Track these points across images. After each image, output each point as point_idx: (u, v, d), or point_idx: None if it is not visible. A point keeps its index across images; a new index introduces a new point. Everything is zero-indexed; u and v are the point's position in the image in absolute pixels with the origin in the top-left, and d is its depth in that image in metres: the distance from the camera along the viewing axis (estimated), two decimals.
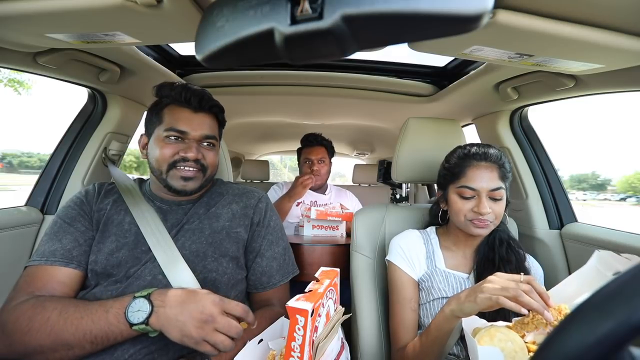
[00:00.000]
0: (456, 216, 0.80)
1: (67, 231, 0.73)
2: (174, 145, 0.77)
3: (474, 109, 1.37)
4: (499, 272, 0.78)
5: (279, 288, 0.85)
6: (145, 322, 0.58)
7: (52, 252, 0.70)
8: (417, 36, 0.25)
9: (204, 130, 0.79)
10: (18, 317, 0.60)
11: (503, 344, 0.52)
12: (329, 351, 0.57)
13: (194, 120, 0.79)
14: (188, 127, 0.77)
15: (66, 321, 0.59)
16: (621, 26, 0.61)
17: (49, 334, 0.58)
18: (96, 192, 0.82)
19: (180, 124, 0.77)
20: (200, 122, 0.80)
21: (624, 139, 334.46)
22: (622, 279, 0.23)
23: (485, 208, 0.75)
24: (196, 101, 0.79)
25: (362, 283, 0.98)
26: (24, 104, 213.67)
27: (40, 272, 0.68)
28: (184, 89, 0.78)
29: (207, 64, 0.30)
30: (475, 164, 0.78)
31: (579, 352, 0.22)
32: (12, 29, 0.67)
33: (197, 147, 0.78)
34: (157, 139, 0.78)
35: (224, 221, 0.82)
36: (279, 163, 34.01)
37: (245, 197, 0.89)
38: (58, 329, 0.58)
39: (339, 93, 1.41)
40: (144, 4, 0.56)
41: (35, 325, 0.58)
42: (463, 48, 0.69)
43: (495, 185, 0.76)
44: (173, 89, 0.78)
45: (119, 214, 0.78)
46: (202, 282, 0.73)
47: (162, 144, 0.77)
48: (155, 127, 0.79)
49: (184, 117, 0.78)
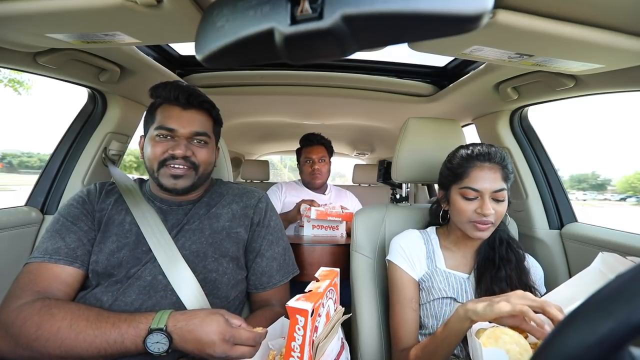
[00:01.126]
0: (458, 217, 0.80)
1: (71, 230, 0.73)
2: (164, 143, 0.77)
3: (474, 109, 1.37)
4: (499, 272, 0.78)
5: (279, 288, 0.85)
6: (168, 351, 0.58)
7: (56, 250, 0.70)
8: (417, 36, 0.25)
9: (193, 127, 0.78)
10: (25, 321, 0.59)
11: (508, 346, 0.51)
12: (329, 351, 0.57)
13: (183, 117, 0.78)
14: (176, 125, 0.77)
15: (78, 336, 0.58)
16: (621, 26, 0.61)
17: (59, 346, 0.57)
18: (97, 192, 0.81)
19: (169, 121, 0.77)
20: (190, 118, 0.79)
21: (624, 139, 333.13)
22: (622, 279, 0.23)
23: (488, 209, 0.74)
24: (184, 98, 0.78)
25: (362, 283, 0.98)
26: (24, 104, 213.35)
27: (44, 270, 0.68)
28: (173, 87, 0.77)
29: (207, 64, 0.30)
30: (479, 165, 0.77)
31: (579, 352, 0.22)
32: (12, 29, 0.67)
33: (187, 145, 0.77)
34: (149, 138, 0.78)
35: (224, 221, 0.82)
36: (279, 163, 34.01)
37: (246, 197, 0.89)
38: (70, 344, 0.57)
39: (339, 93, 1.41)
40: (144, 4, 0.56)
41: (45, 334, 0.57)
42: (463, 48, 0.69)
43: (498, 187, 0.75)
44: (164, 87, 0.78)
45: (119, 214, 0.78)
46: (202, 282, 0.73)
47: (153, 142, 0.77)
48: (149, 126, 0.80)
49: (174, 114, 0.78)
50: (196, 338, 0.58)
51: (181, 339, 0.58)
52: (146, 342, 0.57)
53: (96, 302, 0.68)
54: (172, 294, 0.70)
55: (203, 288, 0.72)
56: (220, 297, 0.76)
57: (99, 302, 0.68)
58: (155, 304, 0.69)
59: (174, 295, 0.70)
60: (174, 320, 0.60)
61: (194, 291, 0.71)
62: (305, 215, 1.47)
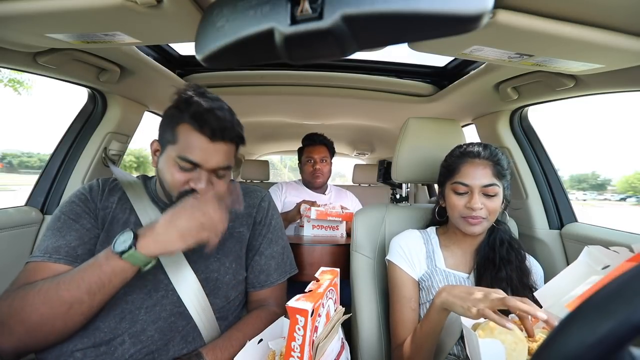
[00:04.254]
0: (451, 212, 0.83)
1: (72, 228, 0.71)
2: (185, 174, 0.71)
3: (474, 109, 1.37)
4: (500, 273, 0.78)
5: (276, 287, 0.85)
6: (132, 246, 0.59)
7: (56, 248, 0.68)
8: (417, 36, 0.25)
9: (218, 162, 0.72)
10: (11, 302, 0.59)
11: (503, 336, 0.53)
12: (329, 351, 0.57)
13: (208, 150, 0.70)
14: (201, 159, 0.69)
15: (59, 283, 0.59)
16: (621, 26, 0.61)
17: (43, 300, 0.58)
18: (100, 189, 0.79)
19: (193, 154, 0.69)
20: (215, 151, 0.71)
21: (624, 139, 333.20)
22: (622, 279, 0.23)
23: (476, 203, 0.76)
24: (216, 131, 0.69)
25: (362, 283, 0.98)
26: (24, 104, 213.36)
27: (42, 269, 0.66)
28: (204, 112, 0.68)
29: (207, 64, 0.31)
30: (470, 161, 0.80)
31: (579, 352, 0.22)
32: (12, 29, 0.67)
33: (208, 178, 0.72)
34: (168, 159, 0.71)
35: (228, 221, 0.82)
36: (279, 163, 34.02)
37: (249, 197, 0.88)
38: (52, 293, 0.58)
39: (339, 93, 1.41)
40: (144, 4, 0.56)
41: (29, 300, 0.58)
42: (463, 48, 0.69)
43: (488, 182, 0.77)
44: (191, 104, 0.68)
45: (124, 213, 0.76)
46: (204, 282, 0.73)
47: (173, 169, 0.70)
48: (168, 142, 0.71)
49: (199, 146, 0.69)
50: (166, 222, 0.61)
51: (150, 229, 0.61)
52: (114, 246, 0.60)
53: None
54: (173, 293, 0.70)
55: (204, 288, 0.72)
56: (220, 297, 0.76)
57: None
58: (156, 303, 0.68)
59: (175, 295, 0.70)
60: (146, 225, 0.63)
61: (194, 291, 0.71)
62: (305, 215, 1.47)
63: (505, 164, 0.80)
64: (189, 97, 0.69)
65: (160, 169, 0.74)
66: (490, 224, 0.80)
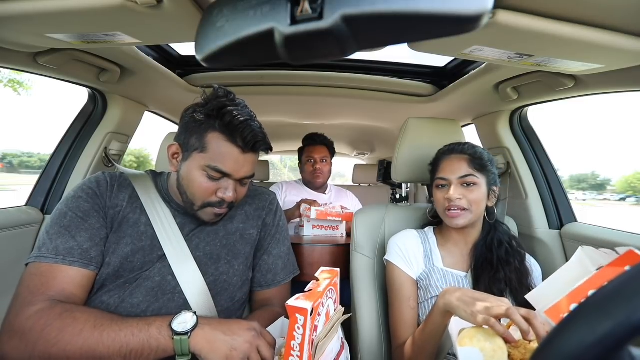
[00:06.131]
0: (437, 208, 0.86)
1: (81, 227, 0.67)
2: (214, 183, 0.70)
3: (473, 109, 1.37)
4: (497, 274, 0.78)
5: (281, 287, 0.85)
6: (189, 334, 0.57)
7: (69, 250, 0.64)
8: (417, 36, 0.25)
9: (247, 172, 0.72)
10: (45, 327, 0.56)
11: (482, 344, 0.53)
12: (329, 351, 0.57)
13: (240, 161, 0.69)
14: (233, 170, 0.69)
15: (102, 334, 0.56)
16: (621, 26, 0.61)
17: (81, 346, 0.55)
18: (109, 185, 0.73)
19: (226, 165, 0.68)
20: (247, 162, 0.71)
21: (624, 139, 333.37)
22: (622, 279, 0.23)
23: (453, 194, 0.79)
24: (249, 143, 0.69)
25: (362, 283, 0.98)
26: (24, 105, 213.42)
27: (57, 273, 0.62)
28: (239, 124, 0.66)
29: (207, 64, 0.30)
30: (447, 157, 0.85)
31: (579, 352, 0.22)
32: (12, 29, 0.67)
33: (235, 188, 0.72)
34: (195, 167, 0.69)
35: (238, 223, 0.82)
36: (279, 163, 33.99)
37: (258, 199, 0.88)
38: (92, 342, 0.55)
39: (339, 93, 1.41)
40: (144, 4, 0.56)
41: (66, 338, 0.55)
42: (463, 48, 0.69)
43: (464, 173, 0.81)
44: (224, 113, 0.66)
45: (134, 213, 0.73)
46: (212, 284, 0.72)
47: (201, 178, 0.69)
48: (194, 149, 0.69)
49: (232, 157, 0.68)
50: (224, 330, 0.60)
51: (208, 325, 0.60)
52: (172, 322, 0.58)
53: (101, 304, 0.66)
54: (180, 296, 0.69)
55: (212, 290, 0.72)
56: (226, 298, 0.76)
57: (104, 304, 0.66)
58: (162, 306, 0.67)
59: (182, 298, 0.69)
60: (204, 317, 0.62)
61: (201, 293, 0.70)
62: (305, 215, 1.47)
63: (486, 157, 0.83)
64: (223, 106, 0.67)
65: (185, 176, 0.71)
66: (475, 216, 0.81)
